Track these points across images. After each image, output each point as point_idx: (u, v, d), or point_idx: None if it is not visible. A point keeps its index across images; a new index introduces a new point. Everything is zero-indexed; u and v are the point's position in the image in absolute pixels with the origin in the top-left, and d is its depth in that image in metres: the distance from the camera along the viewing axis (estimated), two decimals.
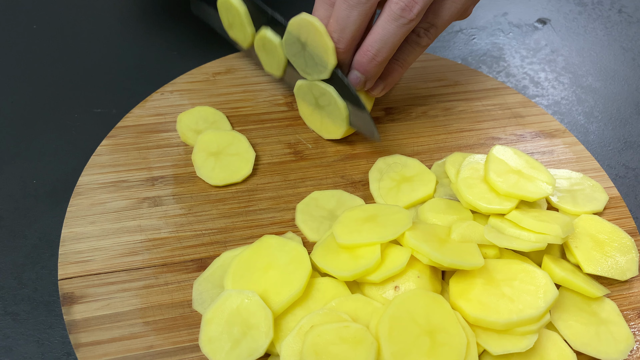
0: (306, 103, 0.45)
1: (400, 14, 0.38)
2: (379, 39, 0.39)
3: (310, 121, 0.46)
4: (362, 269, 0.34)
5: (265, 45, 0.45)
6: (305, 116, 0.47)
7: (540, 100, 0.55)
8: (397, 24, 0.38)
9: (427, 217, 0.39)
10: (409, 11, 0.38)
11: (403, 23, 0.38)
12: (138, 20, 0.59)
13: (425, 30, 0.41)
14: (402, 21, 0.38)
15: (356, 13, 0.39)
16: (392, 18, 0.38)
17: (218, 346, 0.32)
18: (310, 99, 0.44)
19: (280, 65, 0.45)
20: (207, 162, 0.43)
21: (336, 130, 0.44)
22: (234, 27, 0.47)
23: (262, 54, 0.46)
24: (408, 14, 0.38)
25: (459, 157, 0.44)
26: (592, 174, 0.46)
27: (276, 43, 0.43)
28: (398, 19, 0.38)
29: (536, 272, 0.34)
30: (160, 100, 0.48)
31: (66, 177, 0.44)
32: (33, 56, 0.54)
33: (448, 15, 0.41)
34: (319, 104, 0.44)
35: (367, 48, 0.40)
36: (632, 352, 0.36)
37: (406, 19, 0.38)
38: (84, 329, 0.34)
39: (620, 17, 0.66)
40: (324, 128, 0.45)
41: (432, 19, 0.41)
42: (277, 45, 0.43)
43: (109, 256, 0.38)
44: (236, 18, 0.46)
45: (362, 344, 0.30)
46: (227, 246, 0.39)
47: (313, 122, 0.46)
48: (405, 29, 0.39)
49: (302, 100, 0.45)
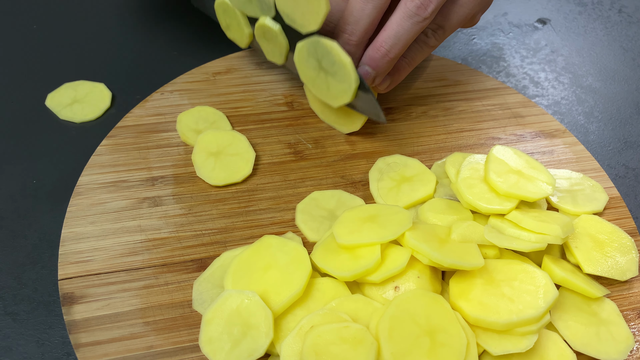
0: (309, 70, 0.43)
1: (416, 11, 0.39)
2: (393, 35, 0.40)
3: (316, 90, 0.44)
4: (362, 269, 0.34)
5: (265, 34, 0.44)
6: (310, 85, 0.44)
7: (540, 100, 0.55)
8: (411, 22, 0.39)
9: (427, 217, 0.39)
10: (424, 9, 0.39)
11: (417, 21, 0.39)
12: (138, 20, 0.59)
13: (434, 32, 0.42)
14: (417, 19, 0.39)
15: (371, 6, 0.39)
16: (408, 15, 0.39)
17: (218, 346, 0.32)
18: (313, 63, 0.42)
19: (282, 52, 0.44)
20: (207, 162, 0.43)
21: (344, 93, 0.41)
22: (231, 28, 0.47)
23: (263, 42, 0.45)
24: (423, 12, 0.39)
25: (459, 157, 0.44)
26: (592, 174, 0.46)
27: (276, 30, 0.42)
28: (413, 16, 0.39)
29: (536, 272, 0.34)
30: (160, 100, 0.48)
31: (66, 177, 0.44)
32: (33, 56, 0.54)
33: (456, 19, 0.42)
34: (322, 66, 0.41)
35: (381, 44, 0.40)
36: (632, 352, 0.36)
37: (421, 17, 0.39)
38: (84, 329, 0.34)
39: (620, 17, 0.66)
40: (331, 95, 0.43)
41: (441, 21, 0.42)
42: (277, 33, 0.43)
43: (109, 256, 0.38)
44: (233, 20, 0.46)
45: (362, 344, 0.30)
46: (227, 246, 0.39)
47: (319, 90, 0.43)
48: (419, 27, 0.40)
49: (305, 67, 0.43)
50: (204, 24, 0.58)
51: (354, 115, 0.44)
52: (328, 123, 0.46)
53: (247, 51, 0.52)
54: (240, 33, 0.46)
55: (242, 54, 0.52)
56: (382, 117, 0.42)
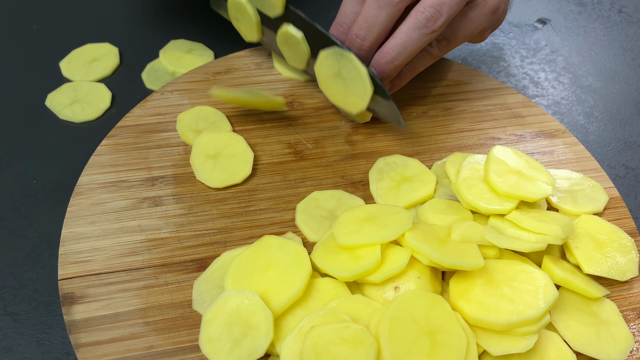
0: (330, 73, 0.44)
1: (425, 23, 0.40)
2: (400, 44, 0.41)
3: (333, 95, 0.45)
4: (362, 270, 0.34)
5: (288, 41, 0.46)
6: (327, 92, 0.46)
7: (540, 100, 0.55)
8: (420, 33, 0.40)
9: (427, 217, 0.39)
10: (433, 22, 0.40)
11: (426, 32, 0.40)
12: (138, 19, 0.59)
13: (438, 42, 0.43)
14: (425, 30, 0.40)
15: (385, 14, 0.40)
16: (417, 26, 0.40)
17: (218, 346, 0.32)
18: (335, 68, 0.43)
19: (303, 58, 0.46)
20: (206, 164, 0.42)
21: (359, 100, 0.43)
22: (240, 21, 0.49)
23: (285, 48, 0.47)
24: (432, 25, 0.40)
25: (459, 157, 0.44)
26: (592, 174, 0.46)
27: (299, 38, 0.44)
28: (422, 27, 0.40)
29: (536, 272, 0.34)
30: (160, 100, 0.48)
31: (66, 177, 0.44)
32: (33, 56, 0.54)
33: (463, 33, 0.43)
34: (341, 74, 0.43)
35: (388, 51, 0.41)
36: (632, 352, 0.36)
37: (429, 29, 0.40)
38: (84, 329, 0.34)
39: (620, 17, 0.66)
40: (348, 100, 0.44)
41: (447, 33, 0.43)
42: (300, 40, 0.45)
43: (109, 256, 0.38)
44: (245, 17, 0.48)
45: (362, 344, 0.30)
46: (227, 246, 0.39)
47: (336, 95, 0.45)
48: (427, 39, 0.41)
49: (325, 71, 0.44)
50: (203, 24, 0.58)
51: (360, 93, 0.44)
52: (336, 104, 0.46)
53: (247, 51, 0.52)
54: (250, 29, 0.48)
55: (243, 53, 0.52)
56: (403, 122, 0.43)
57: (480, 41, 0.47)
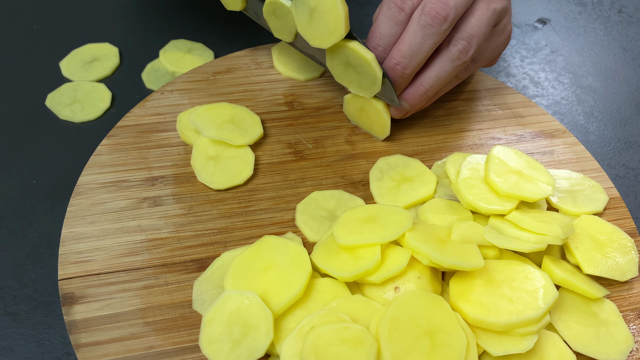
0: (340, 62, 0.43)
1: (458, 55, 0.41)
2: (434, 77, 0.42)
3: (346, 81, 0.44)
4: (362, 270, 0.34)
5: (276, 11, 0.44)
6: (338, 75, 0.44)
7: (540, 100, 0.55)
8: (453, 65, 0.42)
9: (427, 217, 0.39)
10: (465, 54, 0.41)
11: (458, 65, 0.42)
12: (138, 19, 0.59)
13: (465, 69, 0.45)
14: (458, 62, 0.42)
15: (431, 41, 0.40)
16: (450, 59, 0.41)
17: (218, 347, 0.32)
18: (344, 58, 0.42)
19: (292, 30, 0.44)
20: (207, 166, 0.42)
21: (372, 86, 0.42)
22: None
23: (272, 19, 0.45)
24: (464, 57, 0.41)
25: (459, 157, 0.44)
26: (592, 174, 0.46)
27: (288, 7, 0.42)
28: (455, 60, 0.41)
29: (536, 273, 0.34)
30: (160, 100, 0.48)
31: (66, 177, 0.44)
32: (33, 56, 0.54)
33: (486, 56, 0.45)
34: (350, 63, 0.42)
35: (422, 83, 0.42)
36: (632, 353, 0.36)
37: (461, 61, 0.42)
38: (84, 329, 0.34)
39: (620, 17, 0.66)
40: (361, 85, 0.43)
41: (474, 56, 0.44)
42: (289, 10, 0.42)
43: (109, 256, 0.38)
44: None
45: (362, 344, 0.30)
46: (227, 246, 0.39)
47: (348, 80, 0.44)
48: (458, 70, 0.42)
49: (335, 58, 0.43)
50: (203, 24, 0.58)
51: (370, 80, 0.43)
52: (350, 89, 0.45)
53: (247, 51, 0.52)
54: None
55: (242, 53, 0.52)
56: (396, 100, 0.43)
57: (492, 64, 0.49)
